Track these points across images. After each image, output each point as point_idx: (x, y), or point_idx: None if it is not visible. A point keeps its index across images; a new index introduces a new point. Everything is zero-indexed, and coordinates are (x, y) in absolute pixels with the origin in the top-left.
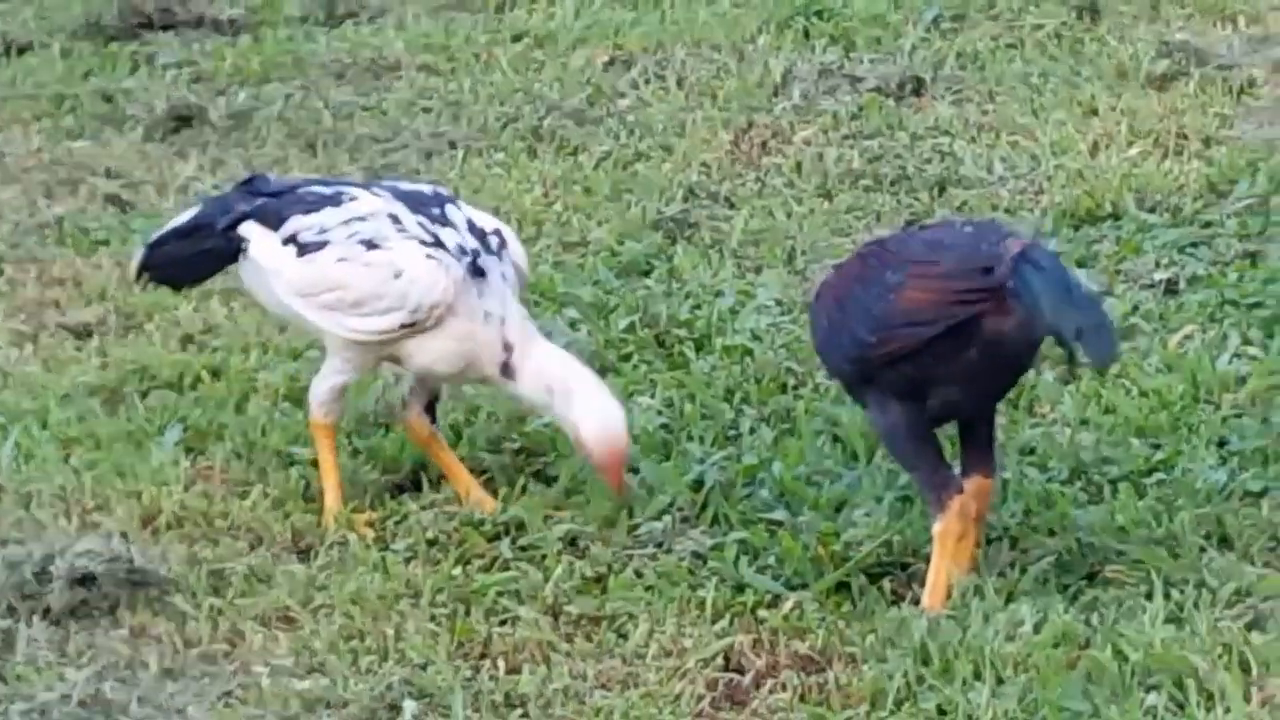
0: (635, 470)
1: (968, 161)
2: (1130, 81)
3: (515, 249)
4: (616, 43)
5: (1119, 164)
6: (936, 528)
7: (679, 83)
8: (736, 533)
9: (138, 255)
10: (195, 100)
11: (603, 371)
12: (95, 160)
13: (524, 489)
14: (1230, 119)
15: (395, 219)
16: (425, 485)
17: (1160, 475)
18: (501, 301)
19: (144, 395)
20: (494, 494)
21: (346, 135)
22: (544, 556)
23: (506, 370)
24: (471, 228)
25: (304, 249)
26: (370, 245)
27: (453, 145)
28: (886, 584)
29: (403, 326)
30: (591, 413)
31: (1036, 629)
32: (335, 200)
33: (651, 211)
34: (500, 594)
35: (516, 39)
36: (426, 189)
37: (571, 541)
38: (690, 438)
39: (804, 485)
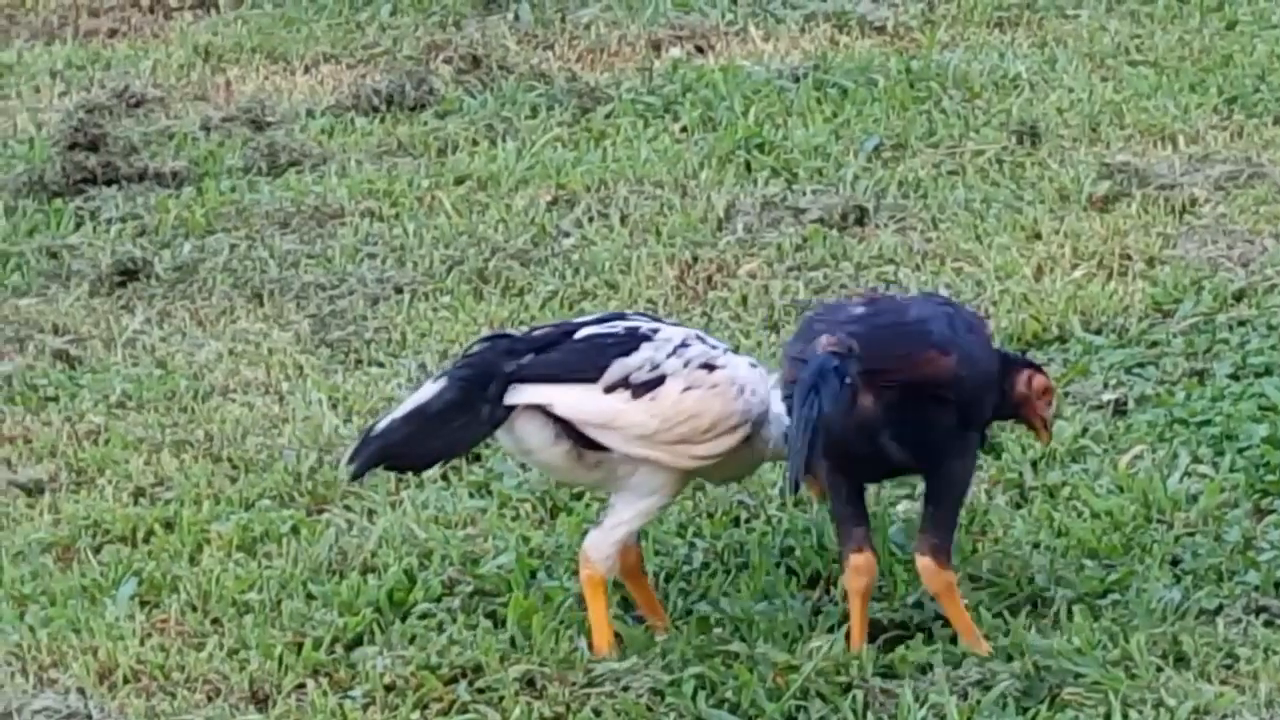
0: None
1: (913, 289)
2: (1072, 204)
3: None
4: (559, 182)
5: (1064, 286)
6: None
7: (622, 220)
8: (693, 667)
9: (354, 453)
10: (140, 254)
11: (555, 511)
12: (42, 316)
13: (480, 631)
14: (1173, 238)
15: (700, 338)
16: (379, 631)
17: (1115, 596)
18: None
19: (97, 550)
20: (448, 638)
21: (292, 283)
22: (501, 698)
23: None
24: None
25: (640, 389)
26: (710, 368)
27: (399, 290)
28: (845, 706)
29: (744, 439)
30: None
31: None
32: (646, 336)
33: None
34: None
35: (459, 182)
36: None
37: (529, 682)
38: (644, 574)
39: (760, 617)
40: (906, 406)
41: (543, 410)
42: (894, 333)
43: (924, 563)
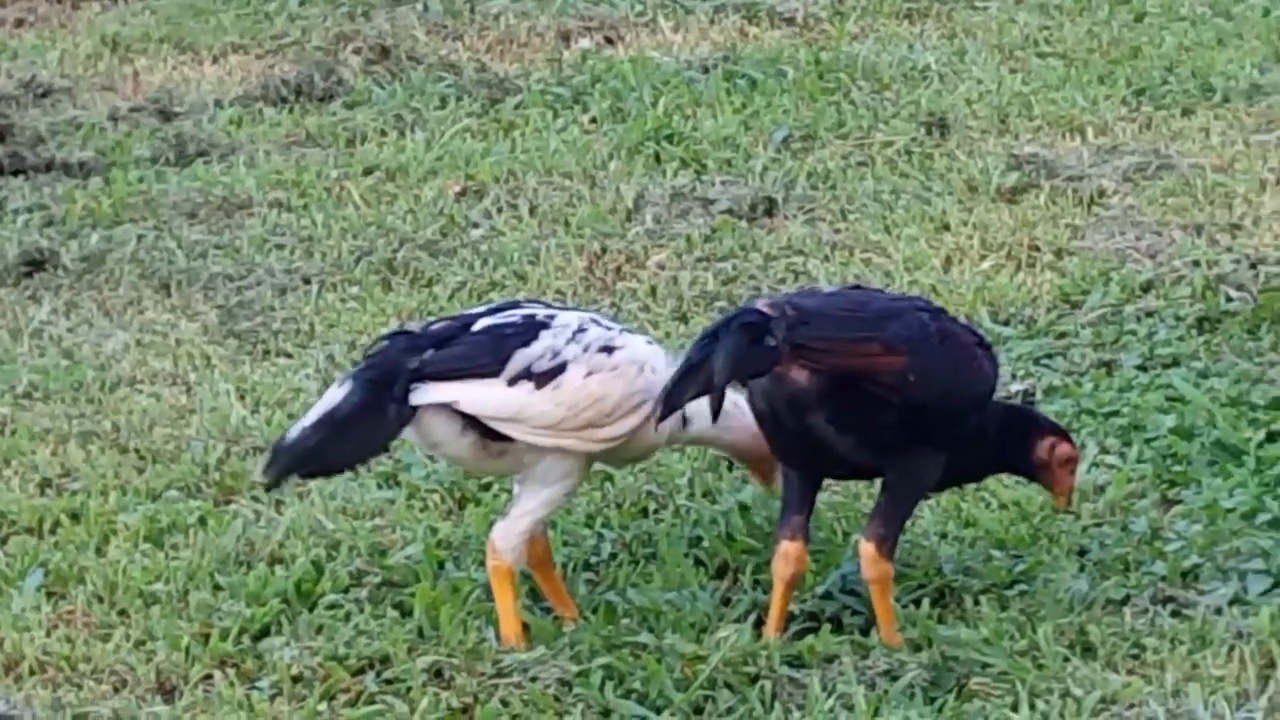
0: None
1: (822, 280)
2: (981, 195)
3: None
4: (468, 173)
5: (972, 277)
6: None
7: (531, 211)
8: (601, 658)
9: (267, 465)
10: (47, 244)
11: (463, 502)
12: None
13: (387, 622)
14: (1081, 230)
15: (596, 321)
16: (287, 621)
17: (1022, 586)
18: None
19: (3, 541)
20: (356, 628)
21: (200, 274)
22: (409, 689)
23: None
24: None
25: (542, 379)
26: (609, 350)
27: (307, 280)
28: (753, 696)
29: (647, 418)
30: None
31: None
32: (543, 324)
33: None
34: None
35: (368, 172)
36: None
37: (437, 673)
38: (552, 564)
39: (668, 607)
40: (846, 395)
41: (448, 405)
42: (843, 316)
43: (867, 549)
